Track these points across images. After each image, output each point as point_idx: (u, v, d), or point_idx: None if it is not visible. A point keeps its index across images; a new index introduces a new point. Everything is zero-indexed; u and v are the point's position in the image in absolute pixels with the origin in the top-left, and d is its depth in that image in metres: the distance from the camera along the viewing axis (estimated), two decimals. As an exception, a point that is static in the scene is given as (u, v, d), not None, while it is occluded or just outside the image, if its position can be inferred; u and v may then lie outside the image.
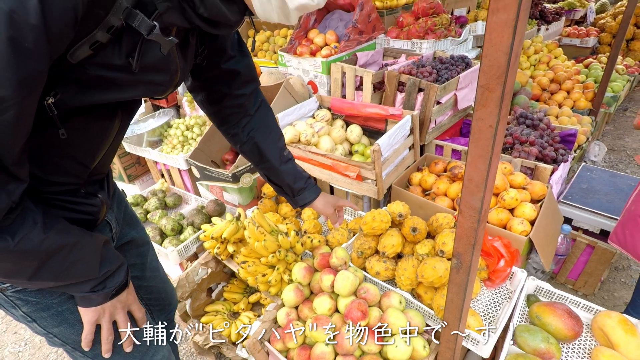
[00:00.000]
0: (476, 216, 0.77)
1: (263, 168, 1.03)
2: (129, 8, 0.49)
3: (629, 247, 1.20)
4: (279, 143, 1.01)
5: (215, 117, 0.96)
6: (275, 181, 1.06)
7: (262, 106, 0.96)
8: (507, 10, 0.54)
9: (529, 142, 1.70)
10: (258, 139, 0.96)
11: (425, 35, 2.20)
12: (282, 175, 1.03)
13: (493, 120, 0.65)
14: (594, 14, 4.18)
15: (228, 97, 0.88)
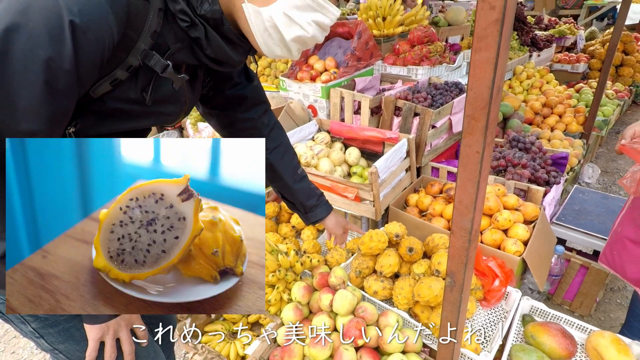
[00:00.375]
0: (467, 236, 0.81)
1: (277, 186, 1.08)
2: (146, 50, 0.54)
3: (617, 267, 1.24)
4: (292, 162, 1.06)
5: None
6: (288, 198, 1.11)
7: (275, 127, 1.02)
8: (488, 50, 0.60)
9: (521, 164, 1.76)
10: (272, 160, 1.01)
11: (420, 62, 2.29)
12: (295, 193, 1.08)
13: (479, 146, 0.70)
14: (583, 41, 4.34)
15: (238, 121, 0.93)
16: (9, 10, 0.41)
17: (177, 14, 0.56)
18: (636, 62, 3.81)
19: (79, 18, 0.44)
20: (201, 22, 0.58)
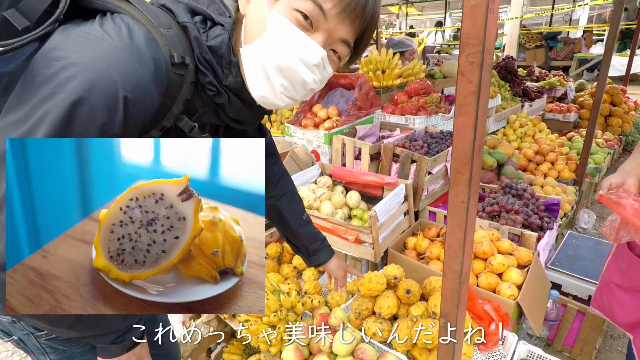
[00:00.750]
0: (457, 278, 0.88)
1: (282, 229, 1.16)
2: (178, 114, 0.65)
3: (607, 311, 1.28)
4: (298, 208, 1.13)
5: None
6: (292, 241, 1.18)
7: (283, 176, 1.11)
8: (468, 116, 0.70)
9: (514, 210, 1.84)
10: (280, 206, 1.09)
11: (417, 111, 2.45)
12: (299, 237, 1.15)
13: (464, 196, 0.78)
14: (573, 92, 4.57)
15: None
16: (79, 87, 0.51)
17: (206, 85, 0.66)
18: (624, 113, 4.00)
19: (130, 94, 0.54)
20: (225, 91, 0.68)
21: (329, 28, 0.64)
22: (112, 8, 0.58)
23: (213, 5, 0.65)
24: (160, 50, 0.58)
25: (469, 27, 0.65)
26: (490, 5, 0.63)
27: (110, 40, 0.53)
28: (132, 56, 0.54)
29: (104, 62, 0.52)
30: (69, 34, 0.55)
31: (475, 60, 0.66)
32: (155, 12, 0.60)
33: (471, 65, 0.67)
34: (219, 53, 0.64)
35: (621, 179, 1.09)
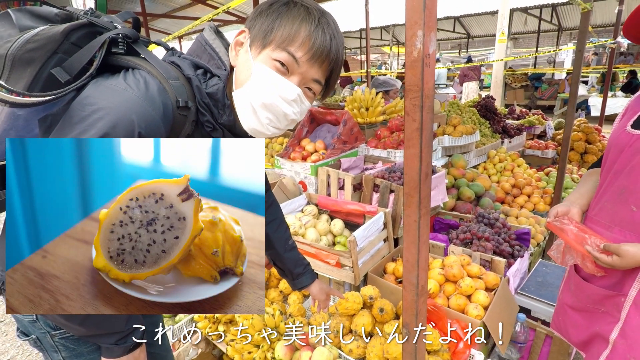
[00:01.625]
0: (414, 290, 1.00)
1: (270, 253, 1.26)
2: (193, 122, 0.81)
3: (563, 332, 1.38)
4: (285, 234, 1.25)
5: None
6: (279, 265, 1.28)
7: (273, 204, 1.23)
8: (414, 147, 0.86)
9: (485, 237, 1.97)
10: (269, 231, 1.20)
11: (398, 146, 2.63)
12: (285, 261, 1.25)
13: (416, 216, 0.92)
14: (552, 130, 4.83)
15: None
16: (105, 126, 0.66)
17: (205, 123, 0.83)
18: (598, 151, 4.22)
19: (144, 130, 0.70)
20: (220, 127, 0.85)
21: (302, 71, 0.81)
22: (133, 65, 0.76)
23: (212, 61, 0.84)
24: (169, 97, 0.75)
25: (410, 77, 0.82)
26: (426, 60, 0.80)
27: (130, 91, 0.70)
28: (146, 102, 0.70)
29: (125, 107, 0.68)
30: (99, 85, 0.72)
31: (416, 103, 0.83)
32: (166, 68, 0.78)
33: (414, 107, 0.83)
34: (215, 98, 0.82)
35: (566, 207, 1.23)
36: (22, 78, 0.69)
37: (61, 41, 0.72)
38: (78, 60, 0.70)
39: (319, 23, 0.79)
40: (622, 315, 1.10)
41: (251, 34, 0.81)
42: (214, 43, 0.85)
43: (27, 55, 0.67)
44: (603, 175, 1.18)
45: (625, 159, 1.09)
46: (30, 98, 0.64)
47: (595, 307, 1.19)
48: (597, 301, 1.17)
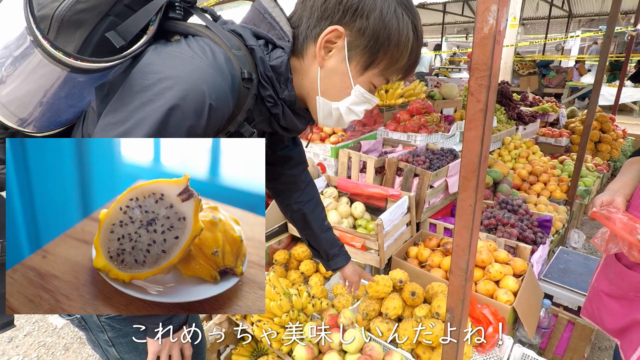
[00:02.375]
0: (463, 275, 0.99)
1: (306, 234, 1.25)
2: (241, 121, 0.77)
3: (597, 319, 1.38)
4: (321, 214, 1.23)
5: (273, 191, 1.20)
6: (314, 246, 1.27)
7: (310, 184, 1.21)
8: (476, 130, 0.83)
9: (510, 224, 1.96)
10: (306, 211, 1.18)
11: (419, 129, 2.59)
12: (321, 242, 1.24)
13: (472, 201, 0.90)
14: (565, 118, 4.78)
15: (283, 176, 1.13)
16: (175, 96, 0.62)
17: (266, 97, 0.78)
18: (612, 140, 4.19)
19: (215, 102, 0.66)
20: (281, 103, 0.80)
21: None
22: (193, 32, 0.71)
23: (273, 31, 0.78)
24: (235, 67, 0.70)
25: (479, 55, 0.78)
26: (497, 37, 0.76)
27: (199, 59, 0.65)
28: (216, 72, 0.66)
29: (195, 76, 0.64)
30: (160, 52, 0.67)
31: (483, 83, 0.79)
32: (228, 36, 0.73)
33: (479, 87, 0.80)
34: (278, 71, 0.77)
35: (610, 197, 1.22)
36: (71, 41, 0.65)
37: (114, 3, 0.67)
38: (134, 24, 0.66)
39: (417, 39, 0.78)
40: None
41: (348, 38, 0.75)
42: (273, 11, 0.79)
43: (77, 16, 0.63)
44: None
45: None
46: (88, 64, 0.60)
47: (637, 295, 1.19)
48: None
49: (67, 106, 0.73)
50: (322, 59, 0.78)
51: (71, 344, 2.28)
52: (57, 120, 0.76)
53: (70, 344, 2.27)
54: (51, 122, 0.75)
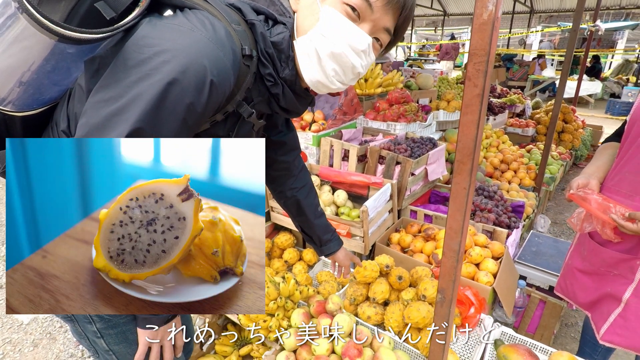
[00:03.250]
0: (455, 256, 1.01)
1: (299, 220, 1.23)
2: (239, 100, 0.74)
3: (570, 294, 1.47)
4: (315, 201, 1.22)
5: (266, 178, 1.17)
6: (307, 232, 1.26)
7: (303, 169, 1.18)
8: (472, 114, 0.84)
9: (487, 209, 2.04)
10: (300, 197, 1.16)
11: (398, 118, 2.62)
12: (314, 228, 1.23)
13: (466, 184, 0.92)
14: (530, 109, 5.00)
15: (277, 162, 1.10)
16: (174, 70, 0.58)
17: (266, 76, 0.75)
18: (574, 130, 4.43)
19: (216, 78, 0.62)
20: (281, 82, 0.77)
21: (375, 18, 0.73)
22: (190, 4, 0.67)
23: (273, 6, 0.75)
24: (235, 43, 0.67)
25: (477, 41, 0.79)
26: (495, 24, 0.77)
27: (199, 32, 0.62)
28: (217, 46, 0.63)
29: (195, 50, 0.60)
30: (156, 25, 0.63)
31: (481, 68, 0.81)
32: (227, 10, 0.69)
33: (477, 72, 0.81)
34: (279, 48, 0.74)
35: (586, 180, 1.29)
36: (55, 11, 0.61)
37: None
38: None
39: None
40: (637, 276, 1.19)
41: None
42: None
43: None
44: (625, 147, 1.24)
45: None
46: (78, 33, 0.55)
47: (608, 270, 1.27)
48: (612, 265, 1.25)
49: (51, 83, 0.68)
50: (295, 2, 0.74)
51: (40, 340, 2.17)
52: (39, 98, 0.71)
53: (39, 340, 2.17)
54: (33, 100, 0.70)
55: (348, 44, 0.72)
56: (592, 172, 1.32)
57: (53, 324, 2.28)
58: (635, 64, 11.92)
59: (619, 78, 11.13)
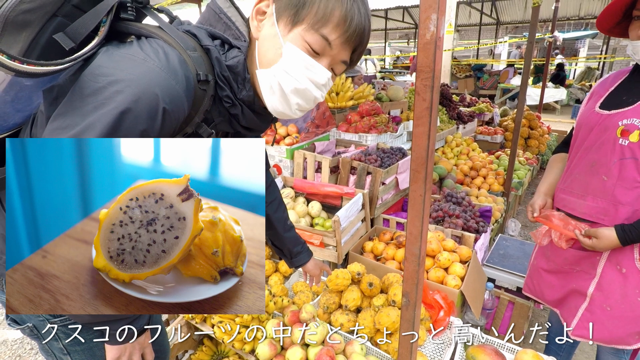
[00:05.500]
0: (417, 260, 1.07)
1: (269, 234, 1.25)
2: (198, 122, 0.77)
3: (538, 293, 1.55)
4: (284, 215, 1.24)
5: None
6: (277, 245, 1.28)
7: (272, 184, 1.21)
8: (423, 126, 0.90)
9: (455, 215, 2.12)
10: (269, 212, 1.19)
11: (369, 130, 2.70)
12: (284, 241, 1.26)
13: (422, 191, 0.98)
14: (498, 117, 5.20)
15: None
16: (126, 100, 0.61)
17: (223, 98, 0.78)
18: (539, 136, 4.63)
19: (168, 105, 0.65)
20: (239, 103, 0.80)
21: (333, 54, 0.76)
22: (146, 33, 0.70)
23: (229, 31, 0.78)
24: (189, 69, 0.70)
25: (422, 59, 0.85)
26: (438, 43, 0.84)
27: (151, 62, 0.65)
28: (169, 75, 0.65)
29: (147, 79, 0.63)
30: (112, 54, 0.66)
31: (427, 84, 0.87)
32: (183, 37, 0.72)
33: (425, 87, 0.87)
34: (235, 71, 0.77)
35: (543, 200, 1.42)
36: (16, 43, 0.62)
37: (61, 3, 0.65)
38: (83, 26, 0.64)
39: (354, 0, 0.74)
40: (598, 271, 1.27)
41: (277, 3, 0.74)
42: (229, 11, 0.78)
43: (22, 17, 0.60)
44: (574, 151, 1.34)
45: (595, 135, 1.24)
46: (35, 67, 0.57)
47: (571, 268, 1.36)
48: (574, 262, 1.34)
49: (14, 110, 0.70)
50: (256, 30, 0.77)
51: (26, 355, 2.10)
52: (3, 125, 0.73)
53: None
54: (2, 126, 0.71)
55: (310, 79, 0.76)
56: (546, 190, 1.46)
57: (23, 346, 2.21)
58: (597, 71, 12.55)
59: (583, 84, 11.69)
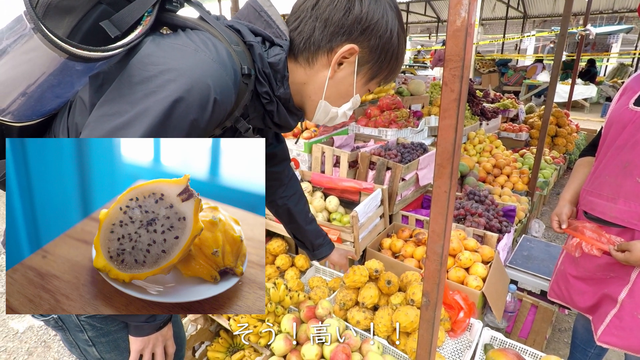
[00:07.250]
0: (439, 260, 1.02)
1: (291, 227, 1.27)
2: (237, 116, 0.76)
3: (567, 300, 1.48)
4: (305, 207, 1.26)
5: None
6: (299, 238, 1.30)
7: (293, 178, 1.22)
8: (450, 118, 0.86)
9: (478, 214, 2.05)
10: (290, 205, 1.21)
11: (389, 124, 2.64)
12: (306, 234, 1.27)
13: (447, 187, 0.93)
14: (524, 114, 5.03)
15: (267, 173, 1.13)
16: (179, 88, 0.61)
17: (262, 94, 0.78)
18: (567, 134, 4.46)
19: (220, 96, 0.65)
20: (276, 100, 0.81)
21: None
22: (192, 25, 0.70)
23: (270, 29, 0.78)
24: (235, 62, 0.70)
25: (452, 47, 0.81)
26: (469, 30, 0.79)
27: (203, 53, 0.65)
28: (220, 66, 0.66)
29: (200, 70, 0.63)
30: (160, 44, 0.66)
31: (456, 74, 0.82)
32: (227, 32, 0.73)
33: (453, 77, 0.83)
34: (276, 68, 0.77)
35: (569, 210, 1.35)
36: (58, 28, 0.63)
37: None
38: (129, 15, 0.64)
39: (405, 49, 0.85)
40: (632, 277, 1.21)
41: (361, 54, 0.79)
42: (269, 10, 0.79)
43: (67, 2, 0.61)
44: (603, 151, 1.26)
45: (628, 134, 1.16)
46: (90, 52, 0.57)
47: (604, 274, 1.30)
48: (607, 269, 1.28)
49: (53, 96, 0.70)
50: (334, 71, 0.81)
51: (34, 348, 2.17)
52: (40, 109, 0.73)
53: (34, 349, 2.16)
54: (34, 112, 0.71)
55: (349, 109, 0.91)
56: (571, 197, 1.40)
57: (48, 332, 2.27)
58: (631, 68, 12.02)
59: (614, 82, 11.20)
